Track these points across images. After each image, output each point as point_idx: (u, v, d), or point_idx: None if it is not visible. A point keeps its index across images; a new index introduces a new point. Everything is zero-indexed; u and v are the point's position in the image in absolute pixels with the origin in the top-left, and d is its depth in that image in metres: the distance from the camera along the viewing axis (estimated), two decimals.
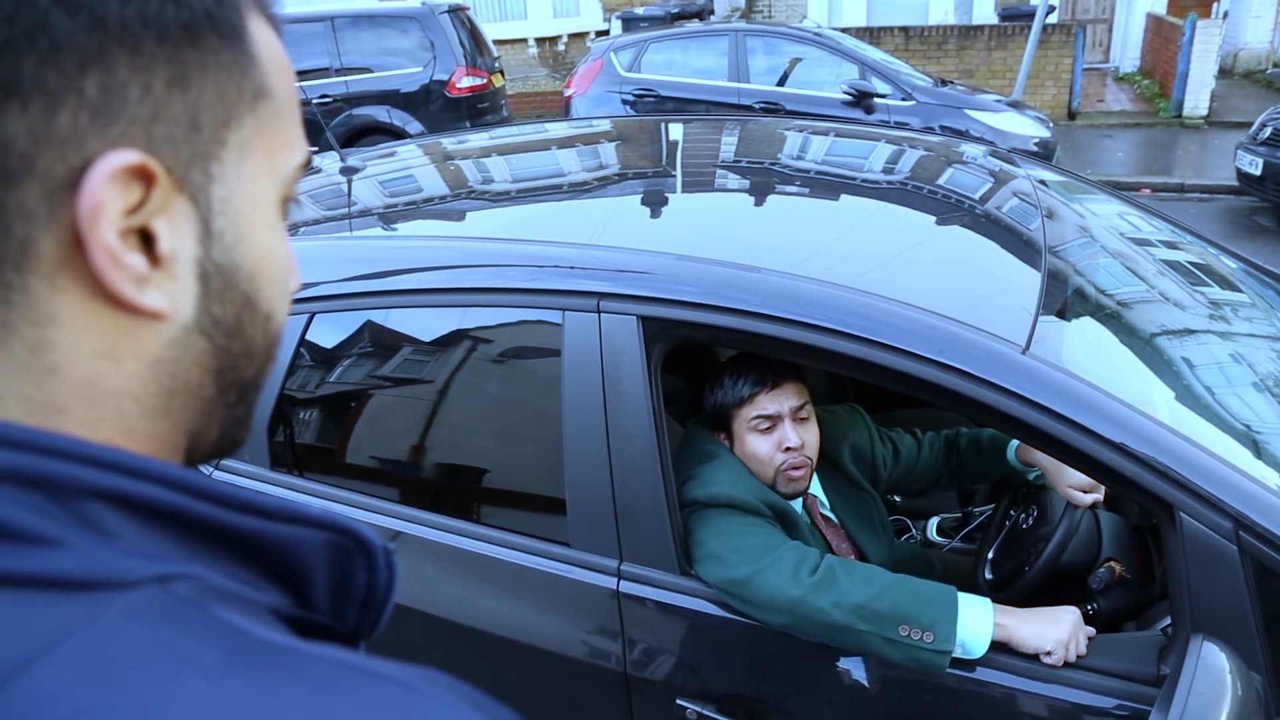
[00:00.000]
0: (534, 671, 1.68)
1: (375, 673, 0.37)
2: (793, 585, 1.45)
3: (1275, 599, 1.30)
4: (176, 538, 0.40)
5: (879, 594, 1.43)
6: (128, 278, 0.40)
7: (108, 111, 0.39)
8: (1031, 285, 1.67)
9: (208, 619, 0.36)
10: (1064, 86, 11.35)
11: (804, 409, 1.72)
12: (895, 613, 1.41)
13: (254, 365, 0.49)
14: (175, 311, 0.43)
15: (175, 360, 0.44)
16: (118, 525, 0.38)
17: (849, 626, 1.42)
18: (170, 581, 0.37)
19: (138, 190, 0.40)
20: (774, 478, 1.71)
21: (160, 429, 0.44)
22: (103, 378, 0.41)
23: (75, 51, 0.38)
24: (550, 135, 3.17)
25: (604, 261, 1.66)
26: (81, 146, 0.38)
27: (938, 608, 1.41)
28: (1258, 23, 14.35)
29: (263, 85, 0.46)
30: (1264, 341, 1.99)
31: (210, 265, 0.44)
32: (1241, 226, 7.51)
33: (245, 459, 1.89)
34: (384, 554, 0.48)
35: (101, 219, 0.39)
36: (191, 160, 0.42)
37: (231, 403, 0.48)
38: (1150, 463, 1.33)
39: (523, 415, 1.83)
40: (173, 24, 0.41)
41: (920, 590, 1.45)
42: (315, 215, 2.31)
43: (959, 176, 2.43)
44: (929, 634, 1.39)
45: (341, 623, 0.47)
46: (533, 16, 14.44)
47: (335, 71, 8.33)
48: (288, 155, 0.48)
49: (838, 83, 7.61)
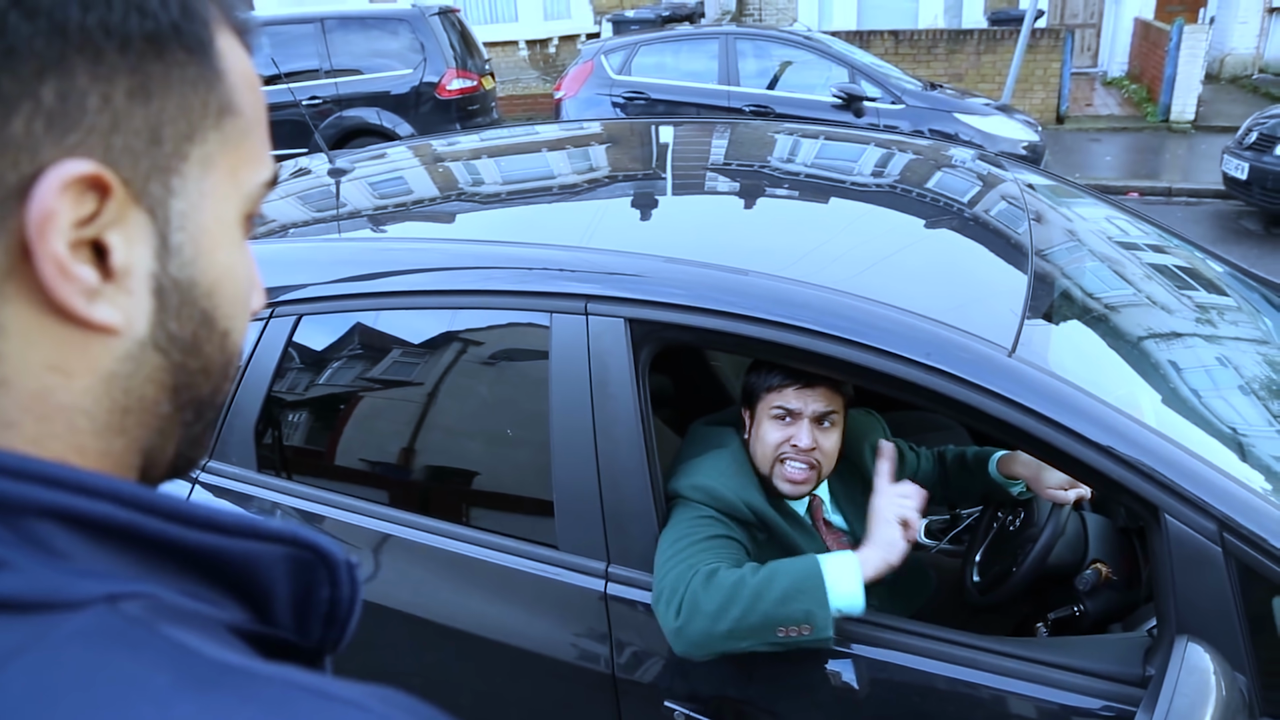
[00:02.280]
0: (522, 674, 1.68)
1: (330, 694, 0.37)
2: (671, 620, 1.45)
3: (1259, 600, 1.31)
4: (129, 556, 0.39)
5: (745, 612, 1.41)
6: (77, 290, 0.39)
7: (64, 120, 0.38)
8: (1018, 288, 1.67)
9: (157, 640, 0.36)
10: (1052, 90, 11.41)
11: (830, 417, 1.68)
12: (768, 622, 1.41)
13: (211, 383, 0.48)
14: (129, 326, 0.42)
15: (129, 376, 0.43)
16: (66, 544, 0.37)
17: (732, 644, 1.43)
18: (119, 601, 0.36)
19: (91, 201, 0.39)
20: (770, 469, 1.70)
21: (113, 446, 0.44)
22: (53, 392, 0.40)
23: (33, 57, 0.37)
24: (540, 138, 3.17)
25: (592, 264, 1.66)
26: (35, 154, 0.38)
27: (805, 598, 1.41)
28: (1244, 28, 14.45)
29: (229, 101, 0.45)
30: (1249, 345, 2.00)
31: (167, 280, 0.43)
32: (1227, 230, 7.56)
33: (232, 461, 1.88)
34: (347, 568, 0.47)
35: (51, 229, 0.38)
36: (150, 173, 0.41)
37: (189, 421, 0.47)
38: (1136, 465, 1.33)
39: (511, 418, 1.83)
40: (136, 34, 0.40)
41: (785, 588, 1.42)
42: (304, 217, 2.30)
43: (947, 180, 2.44)
44: (806, 627, 1.40)
45: (305, 638, 0.46)
46: (523, 19, 14.43)
47: (325, 73, 8.32)
48: (252, 172, 0.47)
49: (827, 86, 7.64)
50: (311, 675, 0.38)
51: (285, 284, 1.87)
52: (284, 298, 1.85)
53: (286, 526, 0.45)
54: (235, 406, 1.86)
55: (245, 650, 0.39)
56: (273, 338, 1.85)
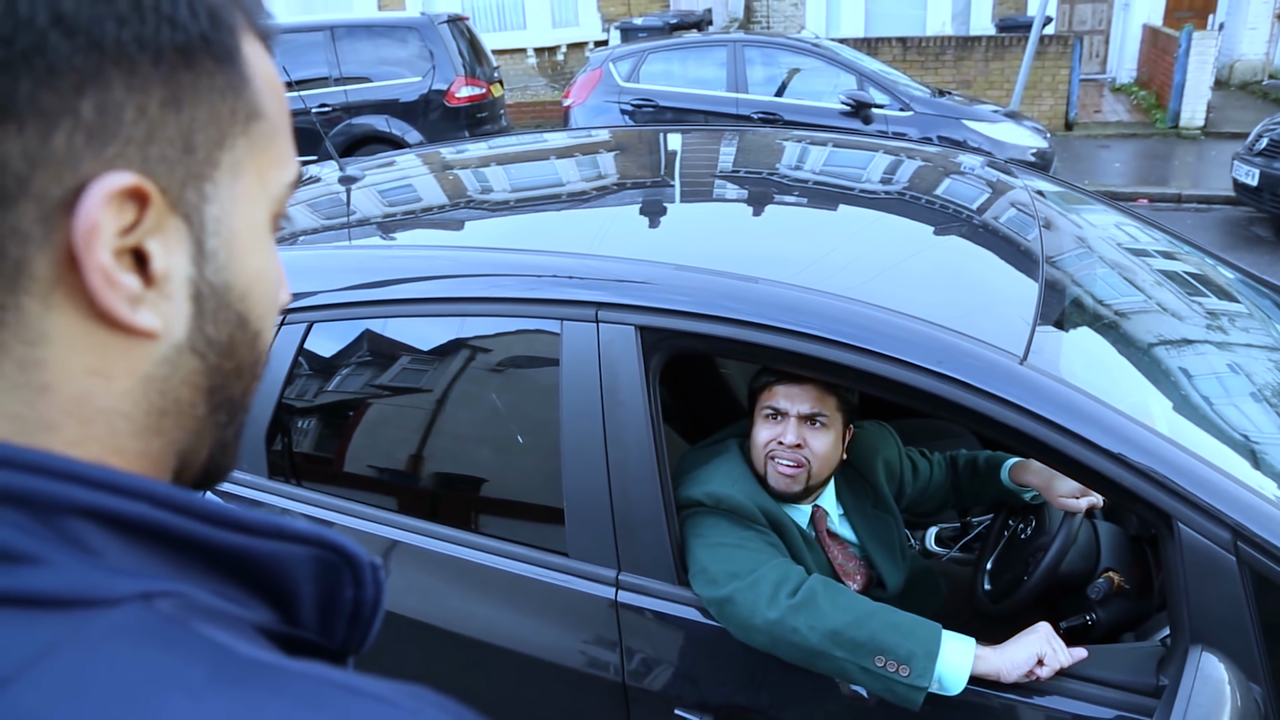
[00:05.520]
0: (532, 682, 1.68)
1: (359, 690, 0.37)
2: (770, 607, 1.44)
3: (1274, 610, 1.30)
4: (161, 555, 0.40)
5: (857, 621, 1.41)
6: (122, 297, 0.40)
7: (103, 133, 0.39)
8: (1029, 295, 1.67)
9: (191, 637, 0.36)
10: (1061, 97, 11.38)
11: (819, 418, 1.69)
12: (872, 642, 1.39)
13: (242, 383, 0.49)
14: (168, 331, 0.43)
15: (166, 379, 0.44)
16: (101, 543, 0.38)
17: (825, 651, 1.41)
18: (153, 599, 0.37)
19: (132, 211, 0.40)
20: (764, 468, 1.71)
21: (151, 447, 0.44)
22: (94, 396, 0.41)
23: (72, 73, 0.38)
24: (549, 145, 3.17)
25: (602, 271, 1.66)
26: (77, 168, 0.38)
27: (917, 642, 1.40)
28: (1253, 34, 14.40)
29: (255, 106, 0.46)
30: (1261, 352, 1.99)
31: (204, 285, 0.44)
32: (1238, 237, 7.53)
33: (243, 468, 1.89)
34: (371, 569, 0.47)
35: (97, 240, 0.39)
36: (185, 181, 0.42)
37: (222, 422, 0.48)
38: (1148, 473, 1.33)
39: (521, 425, 1.83)
40: (168, 46, 0.41)
41: (901, 622, 1.42)
42: (314, 224, 2.31)
43: (956, 187, 2.44)
44: (905, 667, 1.38)
45: (329, 639, 0.46)
46: (532, 26, 14.48)
47: (334, 81, 8.35)
48: (279, 174, 0.48)
49: (836, 93, 7.64)
50: (341, 672, 0.39)
51: (296, 291, 1.87)
52: (294, 305, 1.86)
53: (312, 528, 0.45)
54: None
55: (273, 650, 0.40)
56: (283, 345, 1.86)
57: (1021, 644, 1.42)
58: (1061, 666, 1.40)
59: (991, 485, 2.00)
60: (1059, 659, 1.40)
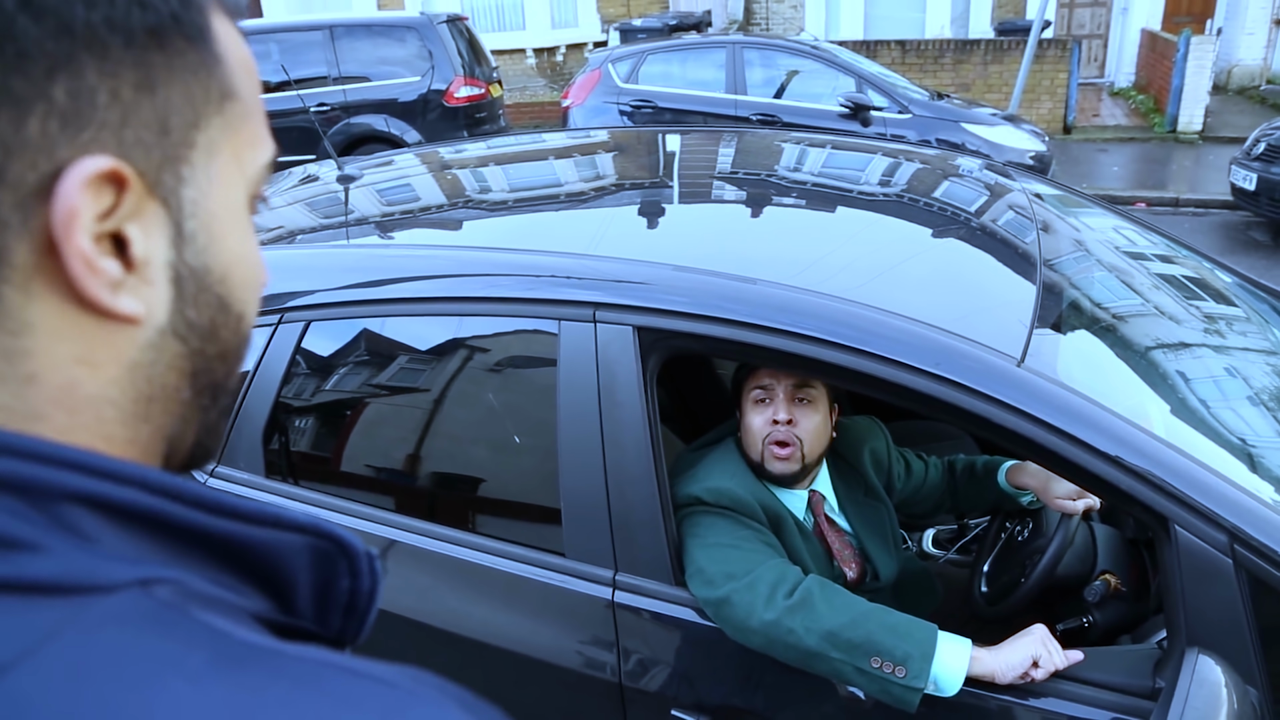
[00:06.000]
0: (528, 682, 1.68)
1: (359, 672, 0.37)
2: (766, 608, 1.44)
3: (1270, 613, 1.30)
4: (156, 542, 0.40)
5: (853, 622, 1.41)
6: (103, 283, 0.40)
7: (77, 117, 0.39)
8: (1027, 298, 1.67)
9: (190, 622, 0.36)
10: (1059, 101, 11.40)
11: (806, 391, 1.70)
12: (868, 643, 1.39)
13: (226, 367, 0.49)
14: (150, 315, 0.43)
15: (151, 364, 0.44)
16: (96, 529, 0.38)
17: (821, 652, 1.40)
18: (151, 585, 0.37)
19: (110, 195, 0.40)
20: (761, 454, 1.71)
21: (139, 434, 0.44)
22: (80, 384, 0.41)
23: (43, 58, 0.37)
24: (547, 145, 3.17)
25: (600, 272, 1.66)
26: (52, 153, 0.38)
27: (913, 643, 1.39)
28: (1251, 39, 14.44)
29: (229, 86, 0.46)
30: (1258, 355, 1.99)
31: (184, 268, 0.44)
32: (1236, 241, 7.54)
33: (240, 466, 1.88)
34: (367, 559, 0.47)
35: (76, 225, 0.38)
36: (162, 163, 0.42)
37: (206, 405, 0.48)
38: (1145, 476, 1.33)
39: (518, 425, 1.83)
40: (139, 28, 0.40)
41: (897, 624, 1.42)
42: (312, 223, 2.31)
43: (954, 190, 2.44)
44: (901, 668, 1.38)
45: (325, 628, 0.46)
46: (531, 27, 14.48)
47: (333, 80, 8.35)
48: (254, 154, 0.48)
49: (834, 95, 7.65)
50: (340, 655, 0.39)
51: (294, 290, 1.87)
52: (292, 304, 1.86)
53: (308, 517, 0.45)
54: (243, 412, 1.87)
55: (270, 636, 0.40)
56: (281, 344, 1.86)
57: (1017, 646, 1.42)
58: (1056, 669, 1.40)
59: (988, 488, 2.00)
60: (1054, 661, 1.40)
